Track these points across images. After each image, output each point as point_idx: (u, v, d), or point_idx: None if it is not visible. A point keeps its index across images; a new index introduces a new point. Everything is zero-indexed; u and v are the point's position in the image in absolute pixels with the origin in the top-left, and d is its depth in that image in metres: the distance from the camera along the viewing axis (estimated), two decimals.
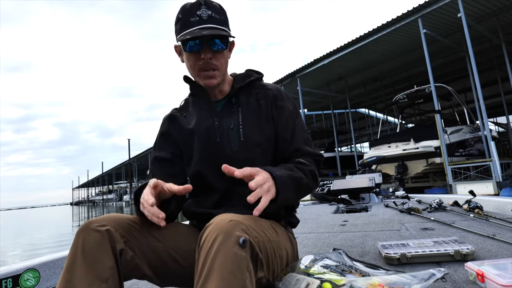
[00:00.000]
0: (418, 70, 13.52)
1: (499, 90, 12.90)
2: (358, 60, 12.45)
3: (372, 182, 3.78)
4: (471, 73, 9.66)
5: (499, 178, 7.56)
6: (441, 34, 10.01)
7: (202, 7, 0.93)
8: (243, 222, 0.71)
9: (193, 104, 1.09)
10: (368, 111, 19.69)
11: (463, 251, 1.20)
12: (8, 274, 1.31)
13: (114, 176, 50.83)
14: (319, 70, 12.54)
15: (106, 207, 36.94)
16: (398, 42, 11.05)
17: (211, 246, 0.66)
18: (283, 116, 1.03)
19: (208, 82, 0.98)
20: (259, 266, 0.72)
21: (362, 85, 15.51)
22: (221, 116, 1.02)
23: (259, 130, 1.01)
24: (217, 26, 0.93)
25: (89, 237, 0.75)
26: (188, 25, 0.92)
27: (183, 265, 0.86)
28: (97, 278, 0.71)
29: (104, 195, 53.42)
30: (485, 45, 11.20)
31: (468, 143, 9.92)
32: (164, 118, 1.13)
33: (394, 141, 9.73)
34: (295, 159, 0.97)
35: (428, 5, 8.74)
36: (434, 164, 9.21)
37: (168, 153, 1.06)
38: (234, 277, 0.62)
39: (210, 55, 0.94)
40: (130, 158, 33.41)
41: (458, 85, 14.57)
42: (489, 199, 2.60)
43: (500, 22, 9.77)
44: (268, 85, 1.09)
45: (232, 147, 0.98)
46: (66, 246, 4.03)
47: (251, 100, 1.04)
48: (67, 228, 12.57)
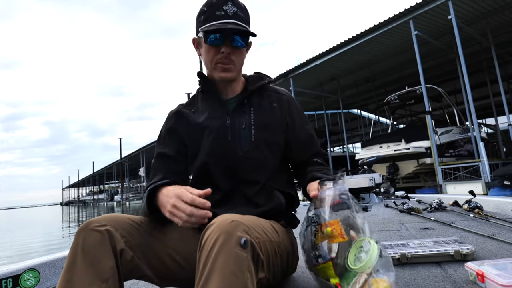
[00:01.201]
0: (409, 72, 13.64)
1: (488, 92, 13.10)
2: (350, 61, 12.51)
3: (372, 182, 3.78)
4: (461, 75, 9.79)
5: (487, 178, 7.67)
6: (432, 36, 10.11)
7: (229, 3, 0.94)
8: (244, 222, 0.71)
9: (203, 100, 1.08)
10: (360, 112, 19.82)
11: (463, 251, 1.20)
12: (8, 274, 1.31)
13: (105, 176, 50.28)
14: (312, 71, 12.57)
15: (97, 207, 36.49)
16: (390, 44, 11.13)
17: (212, 246, 0.66)
18: (298, 121, 1.08)
19: (224, 75, 0.98)
20: (260, 266, 0.72)
21: (355, 85, 15.60)
22: (233, 115, 1.02)
23: (270, 132, 1.02)
24: (241, 23, 0.95)
25: (89, 237, 0.74)
26: (213, 18, 0.94)
27: (183, 265, 0.86)
28: (97, 278, 0.71)
29: (95, 195, 52.76)
30: (475, 47, 11.35)
31: (458, 144, 10.05)
32: (170, 113, 1.10)
33: (386, 142, 9.82)
34: (313, 159, 1.05)
35: (420, 6, 8.83)
36: (424, 165, 9.31)
37: (172, 150, 1.04)
38: (235, 278, 0.63)
39: (230, 50, 0.96)
40: (121, 158, 33.09)
41: (449, 86, 14.76)
42: (489, 199, 2.59)
43: (489, 24, 9.91)
44: (279, 89, 1.12)
45: (243, 147, 0.99)
46: (53, 251, 3.96)
47: (264, 102, 1.05)
48: (55, 230, 12.36)
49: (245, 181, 0.99)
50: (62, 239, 8.73)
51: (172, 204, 0.76)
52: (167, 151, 1.04)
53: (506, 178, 6.83)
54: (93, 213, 22.06)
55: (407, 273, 1.13)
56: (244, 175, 0.99)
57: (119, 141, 32.46)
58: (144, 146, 29.74)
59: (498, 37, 10.78)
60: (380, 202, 3.75)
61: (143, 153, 30.25)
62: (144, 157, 30.36)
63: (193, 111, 1.07)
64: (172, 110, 1.11)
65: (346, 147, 17.23)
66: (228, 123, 1.01)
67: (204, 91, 1.08)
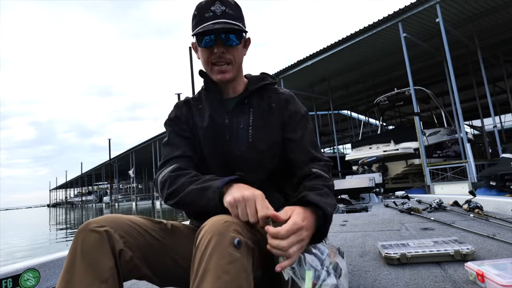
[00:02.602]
0: (398, 73, 13.83)
1: (474, 94, 13.37)
2: (341, 62, 12.61)
3: (372, 182, 3.79)
4: (449, 78, 9.96)
5: (474, 179, 7.80)
6: (421, 38, 10.27)
7: (216, 3, 0.94)
8: (237, 222, 0.72)
9: (206, 98, 1.09)
10: (350, 113, 20.00)
11: (463, 251, 1.20)
12: (8, 274, 1.32)
13: (94, 177, 49.53)
14: (303, 72, 12.63)
15: (85, 209, 35.89)
16: (379, 45, 11.26)
17: (206, 247, 0.67)
18: (294, 120, 1.05)
19: (221, 77, 0.98)
20: (255, 266, 0.73)
21: (345, 87, 15.73)
22: (232, 115, 1.03)
23: (268, 134, 1.02)
24: (229, 21, 0.94)
25: (88, 238, 0.74)
26: (203, 21, 0.94)
27: (182, 265, 0.86)
28: (96, 278, 0.71)
29: (83, 197, 51.91)
30: (461, 50, 11.58)
31: (445, 145, 10.22)
32: (179, 102, 1.12)
33: (375, 143, 9.91)
34: (311, 167, 0.94)
35: (408, 9, 8.95)
36: (413, 165, 9.43)
37: (186, 132, 1.04)
38: (229, 278, 0.63)
39: (222, 49, 0.95)
40: (110, 159, 32.62)
41: (437, 88, 15.01)
42: (489, 199, 2.60)
43: (476, 28, 10.12)
44: (280, 90, 1.11)
45: (240, 147, 0.99)
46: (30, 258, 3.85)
47: (263, 103, 1.05)
48: (41, 234, 12.07)
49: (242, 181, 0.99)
50: (49, 245, 8.50)
51: (247, 198, 0.74)
52: (181, 132, 1.04)
53: (492, 178, 6.95)
54: (81, 215, 21.70)
55: (407, 273, 1.13)
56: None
57: (108, 141, 32.03)
58: (134, 147, 29.40)
59: (484, 40, 11.02)
60: (380, 202, 3.76)
61: (133, 153, 29.90)
62: (133, 158, 30.01)
63: (200, 107, 1.08)
64: (181, 100, 1.13)
65: (336, 148, 17.35)
66: (227, 123, 1.02)
67: (207, 89, 1.09)
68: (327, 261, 0.79)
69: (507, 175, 6.68)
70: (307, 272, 0.75)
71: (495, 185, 6.79)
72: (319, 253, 0.80)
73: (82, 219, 16.59)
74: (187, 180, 0.87)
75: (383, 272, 1.16)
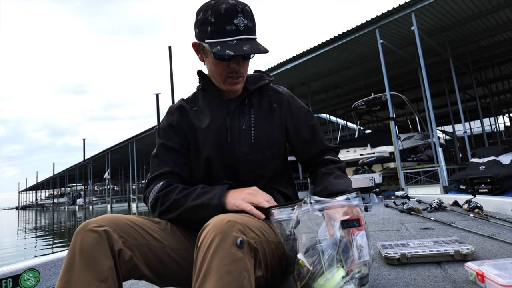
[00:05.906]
0: (375, 79, 14.21)
1: (446, 101, 13.94)
2: (320, 67, 12.81)
3: (372, 182, 3.79)
4: (423, 84, 10.31)
5: (445, 182, 8.09)
6: (397, 45, 10.59)
7: (239, 16, 0.87)
8: (240, 222, 0.71)
9: (203, 98, 1.07)
10: (329, 117, 20.33)
11: (463, 251, 1.19)
12: (8, 274, 1.32)
13: (67, 178, 47.69)
14: (282, 75, 12.71)
15: (57, 211, 34.40)
16: (357, 51, 11.52)
17: (208, 247, 0.67)
18: (301, 121, 1.07)
19: (232, 88, 0.97)
20: (257, 266, 0.73)
21: (324, 91, 15.99)
22: (233, 116, 1.01)
23: (270, 134, 1.02)
24: (255, 40, 0.91)
25: (87, 238, 0.74)
26: (224, 34, 0.87)
27: (182, 265, 0.87)
28: (95, 278, 0.71)
29: (55, 199, 49.84)
30: (435, 58, 12.05)
31: (419, 149, 10.56)
32: (172, 108, 1.09)
33: (353, 146, 10.10)
34: (324, 157, 1.07)
35: (385, 16, 9.21)
36: (388, 169, 9.67)
37: (177, 144, 1.03)
38: (232, 278, 0.63)
39: (240, 66, 0.94)
40: (85, 159, 31.55)
41: (411, 94, 15.53)
42: (489, 199, 2.61)
43: (448, 37, 10.55)
44: (279, 89, 1.11)
45: (242, 148, 0.99)
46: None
47: (264, 103, 1.05)
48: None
49: (245, 181, 1.00)
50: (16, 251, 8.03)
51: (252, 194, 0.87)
52: (171, 144, 1.02)
53: (462, 182, 7.23)
54: (53, 218, 20.72)
55: (407, 273, 1.12)
56: (243, 176, 1.01)
57: (83, 141, 30.93)
58: (110, 148, 28.57)
59: (456, 49, 11.52)
60: (380, 202, 3.76)
61: (109, 154, 29.05)
62: (109, 158, 29.15)
63: (195, 110, 1.06)
64: (174, 105, 1.09)
65: None
66: (228, 124, 1.01)
67: (205, 90, 1.07)
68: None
69: (475, 179, 6.97)
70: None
71: (464, 188, 7.07)
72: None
73: (54, 223, 15.83)
74: (179, 197, 0.90)
75: (383, 272, 1.15)
